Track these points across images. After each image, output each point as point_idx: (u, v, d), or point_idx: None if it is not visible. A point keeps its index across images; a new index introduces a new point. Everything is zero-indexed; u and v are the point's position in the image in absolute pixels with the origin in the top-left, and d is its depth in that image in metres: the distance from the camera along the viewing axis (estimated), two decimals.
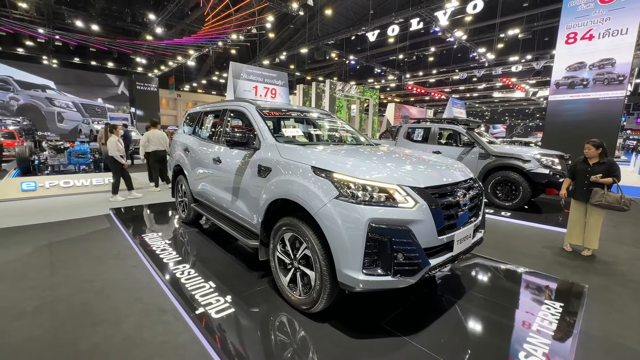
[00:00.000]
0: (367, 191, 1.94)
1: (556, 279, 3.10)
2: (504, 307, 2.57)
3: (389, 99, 34.26)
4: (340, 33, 18.67)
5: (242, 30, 17.02)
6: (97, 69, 23.31)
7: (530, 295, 2.83)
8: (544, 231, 4.89)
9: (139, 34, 19.10)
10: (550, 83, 8.08)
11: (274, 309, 2.44)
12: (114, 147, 5.73)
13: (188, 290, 2.66)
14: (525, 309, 2.54)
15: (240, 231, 3.07)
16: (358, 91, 18.23)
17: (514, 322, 2.36)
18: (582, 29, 7.49)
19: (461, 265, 3.37)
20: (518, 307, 2.57)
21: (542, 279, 3.11)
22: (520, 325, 2.30)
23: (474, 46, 18.98)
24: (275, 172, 2.50)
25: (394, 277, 1.88)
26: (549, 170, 5.52)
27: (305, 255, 2.27)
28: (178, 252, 3.48)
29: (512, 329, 2.27)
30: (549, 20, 16.55)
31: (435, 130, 7.18)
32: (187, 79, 29.15)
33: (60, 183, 6.31)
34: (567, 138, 7.51)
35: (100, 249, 3.66)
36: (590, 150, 3.83)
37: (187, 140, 4.34)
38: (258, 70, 9.83)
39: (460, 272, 3.22)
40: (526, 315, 2.43)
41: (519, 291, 2.91)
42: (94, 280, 2.94)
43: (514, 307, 2.57)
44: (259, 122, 2.98)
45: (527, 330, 2.22)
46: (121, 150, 5.83)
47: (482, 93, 30.67)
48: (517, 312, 2.50)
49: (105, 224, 4.61)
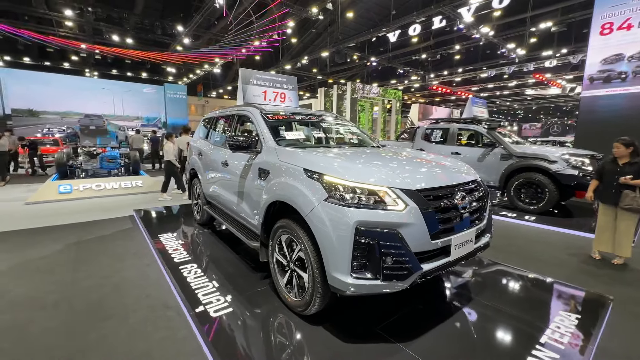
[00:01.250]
0: (356, 193, 1.92)
1: (576, 288, 2.87)
2: (511, 316, 2.42)
3: (412, 100, 33.50)
4: (361, 35, 18.58)
5: (264, 37, 17.46)
6: (132, 79, 24.91)
7: (543, 304, 2.64)
8: (572, 237, 4.55)
9: (169, 45, 20.19)
10: (584, 78, 7.53)
11: (271, 310, 2.47)
12: (171, 151, 6.56)
13: (192, 288, 2.77)
14: (535, 319, 2.38)
15: (244, 232, 3.14)
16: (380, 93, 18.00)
17: (520, 334, 2.21)
18: (619, 18, 6.92)
19: (474, 272, 3.22)
20: (527, 317, 2.41)
21: (561, 288, 2.90)
22: (527, 338, 2.16)
23: (503, 42, 18.10)
24: (274, 174, 2.55)
25: (383, 281, 1.84)
26: (578, 172, 5.13)
27: (300, 257, 2.28)
28: (188, 252, 3.63)
29: (517, 341, 2.14)
30: (588, 10, 15.40)
31: (454, 130, 6.93)
32: (214, 86, 30.38)
33: (93, 186, 6.81)
34: (603, 137, 6.90)
35: (121, 248, 3.90)
36: (619, 149, 3.53)
37: (200, 145, 4.52)
38: (267, 75, 10.04)
39: (472, 279, 3.08)
40: (535, 327, 2.27)
41: (531, 300, 2.72)
42: (111, 276, 3.14)
43: (522, 317, 2.41)
44: (262, 126, 3.05)
45: (533, 343, 2.08)
46: (176, 155, 6.69)
47: (513, 91, 29.10)
48: (525, 322, 2.34)
49: (129, 224, 4.90)
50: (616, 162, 3.59)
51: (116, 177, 7.51)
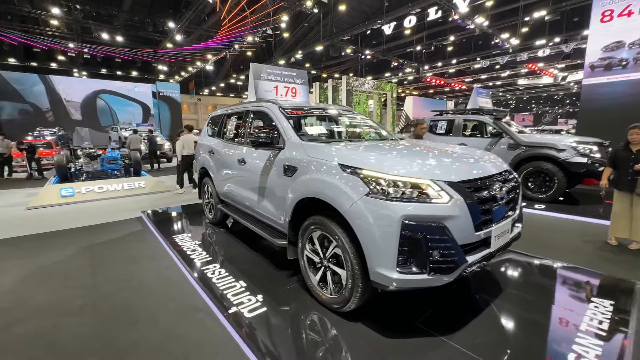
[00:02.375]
0: (399, 187, 1.88)
1: (602, 275, 2.90)
2: (544, 305, 2.43)
3: (407, 92, 33.53)
4: (355, 28, 18.45)
5: (257, 31, 17.20)
6: (122, 78, 24.38)
7: (573, 292, 2.67)
8: (584, 224, 4.61)
9: (160, 42, 19.78)
10: (584, 66, 7.59)
11: (304, 307, 2.43)
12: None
13: (219, 289, 2.71)
14: (570, 307, 2.40)
15: (267, 230, 3.09)
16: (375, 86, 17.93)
17: (559, 322, 2.22)
18: (620, 5, 6.97)
19: (495, 261, 3.23)
20: (561, 305, 2.42)
21: (586, 275, 2.92)
22: (566, 325, 2.17)
23: (497, 32, 18.14)
24: (302, 170, 2.49)
25: (429, 275, 1.81)
26: (587, 159, 5.18)
27: (335, 254, 2.25)
28: (207, 252, 3.56)
29: (557, 329, 2.14)
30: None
31: (460, 121, 6.93)
32: (206, 83, 29.92)
33: (95, 189, 6.65)
34: (605, 124, 7.01)
35: (135, 251, 3.81)
36: (636, 135, 3.54)
37: (211, 143, 4.43)
38: (278, 70, 9.83)
39: (494, 268, 3.08)
40: (572, 314, 2.28)
41: (561, 288, 2.74)
42: (130, 279, 3.07)
43: (556, 305, 2.42)
44: (283, 122, 2.98)
45: (574, 330, 2.09)
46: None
47: (506, 81, 29.31)
48: (560, 310, 2.36)
49: (138, 226, 4.80)
50: (629, 148, 3.61)
51: (118, 178, 7.34)
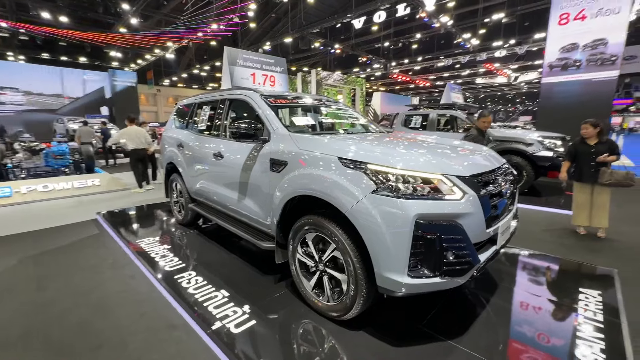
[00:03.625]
0: (409, 183, 1.71)
1: (583, 265, 3.01)
2: (539, 298, 2.43)
3: (374, 88, 34.08)
4: (325, 21, 18.18)
5: (223, 19, 16.29)
6: (67, 64, 21.88)
7: (562, 283, 2.72)
8: (550, 214, 4.85)
9: (113, 26, 18.00)
10: (543, 65, 8.05)
11: (298, 317, 2.20)
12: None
13: (199, 301, 2.39)
14: (562, 299, 2.42)
15: (250, 232, 2.80)
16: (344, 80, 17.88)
17: (556, 315, 2.22)
18: (575, 9, 7.45)
19: None
20: (555, 298, 2.44)
21: (570, 266, 3.02)
22: (565, 318, 2.17)
23: (459, 32, 18.92)
24: (292, 165, 2.24)
25: (442, 278, 1.67)
26: (553, 153, 5.47)
27: (333, 257, 2.04)
28: (180, 258, 3.18)
29: (557, 323, 2.13)
30: (529, 4, 16.63)
31: (434, 116, 7.03)
32: (166, 73, 27.95)
33: (39, 187, 5.80)
34: (562, 120, 7.51)
35: (92, 258, 3.30)
36: (588, 130, 3.76)
37: (179, 136, 3.99)
38: (255, 56, 9.23)
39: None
40: (567, 306, 2.30)
41: (550, 280, 2.79)
42: (89, 293, 2.62)
43: (551, 298, 2.44)
44: (267, 112, 2.69)
45: (573, 323, 2.09)
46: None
47: (465, 79, 30.87)
48: (556, 303, 2.37)
49: (94, 230, 4.22)
50: (586, 142, 3.81)
51: (67, 176, 6.48)
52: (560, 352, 1.84)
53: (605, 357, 1.78)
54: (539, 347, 1.87)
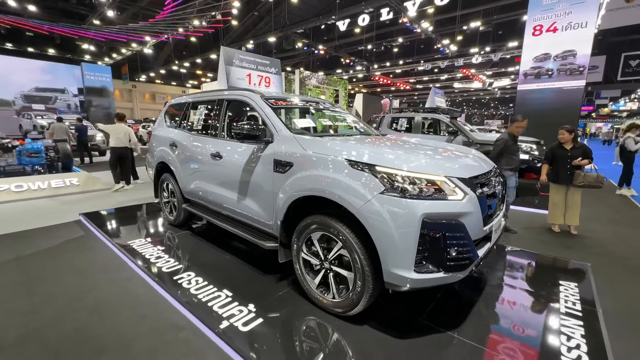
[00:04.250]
0: (415, 184, 1.82)
1: (561, 260, 3.27)
2: (523, 291, 2.64)
3: (356, 90, 34.52)
4: (309, 22, 18.25)
5: (205, 15, 15.96)
6: (35, 56, 20.59)
7: (543, 277, 2.94)
8: (528, 213, 5.18)
9: (86, 18, 17.15)
10: (519, 73, 8.53)
11: (304, 314, 2.26)
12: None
13: (203, 301, 2.39)
14: (545, 291, 2.63)
15: (250, 232, 2.82)
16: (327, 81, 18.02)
17: (542, 307, 2.42)
18: (547, 22, 7.96)
19: None
20: (538, 290, 2.65)
21: (548, 261, 3.27)
22: (550, 310, 2.36)
23: (439, 37, 19.60)
24: (299, 167, 2.29)
25: (445, 273, 1.80)
26: (529, 156, 5.84)
27: (340, 255, 2.12)
28: (176, 259, 3.14)
29: (544, 314, 2.32)
30: (503, 14, 17.50)
31: (419, 119, 7.28)
32: (143, 69, 26.95)
33: (12, 187, 5.47)
34: (536, 125, 8.00)
35: (81, 261, 3.19)
36: (564, 135, 4.08)
37: (171, 135, 3.92)
38: (250, 56, 9.10)
39: None
40: (550, 299, 2.50)
41: (532, 274, 3.02)
42: (82, 298, 2.54)
43: (534, 291, 2.65)
44: (269, 113, 2.72)
45: (558, 313, 2.28)
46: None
47: (443, 84, 31.97)
48: (539, 295, 2.58)
49: (79, 231, 4.05)
50: (563, 147, 4.14)
51: (42, 175, 6.14)
52: (545, 338, 2.02)
53: (585, 341, 1.98)
54: (526, 335, 2.05)
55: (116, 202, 5.48)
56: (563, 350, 1.90)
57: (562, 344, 1.96)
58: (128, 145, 6.16)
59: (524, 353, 1.88)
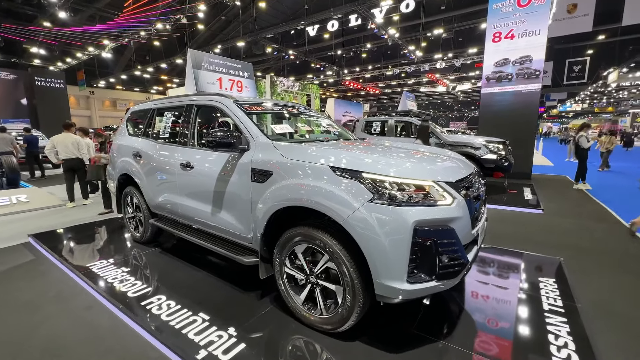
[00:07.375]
0: (404, 191, 1.74)
1: (536, 256, 3.37)
2: (507, 290, 2.66)
3: (327, 94, 34.82)
4: (279, 27, 18.14)
5: (169, 18, 15.30)
6: None
7: (523, 274, 2.99)
8: (496, 210, 5.37)
9: (34, 19, 15.80)
10: (482, 77, 8.95)
11: (290, 334, 2.10)
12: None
13: (176, 329, 2.15)
14: (526, 289, 2.67)
15: (227, 247, 2.62)
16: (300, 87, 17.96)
17: (527, 305, 2.44)
18: (505, 29, 8.44)
19: None
20: (520, 288, 2.69)
21: (525, 257, 3.35)
22: (534, 307, 2.39)
23: (405, 43, 20.28)
24: (278, 176, 2.15)
25: (437, 281, 1.73)
26: (497, 156, 6.09)
27: (327, 269, 1.99)
28: (144, 281, 2.85)
29: (530, 312, 2.34)
30: (462, 22, 18.51)
31: (392, 123, 7.38)
32: (101, 74, 25.30)
33: None
34: (499, 126, 8.46)
35: (30, 291, 2.79)
36: None
37: (135, 144, 3.60)
38: (220, 60, 8.69)
39: None
40: (533, 297, 2.54)
41: (512, 271, 3.07)
42: (32, 334, 2.20)
43: (517, 289, 2.68)
44: (243, 119, 2.56)
45: (541, 311, 2.31)
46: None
47: (411, 87, 33.14)
48: (521, 293, 2.61)
49: (28, 255, 3.59)
50: None
51: None
52: (534, 338, 2.02)
53: (572, 338, 2.00)
54: (514, 332, 2.04)
55: (72, 220, 4.96)
56: (553, 350, 1.90)
57: (551, 343, 1.96)
58: (79, 155, 5.66)
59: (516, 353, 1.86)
